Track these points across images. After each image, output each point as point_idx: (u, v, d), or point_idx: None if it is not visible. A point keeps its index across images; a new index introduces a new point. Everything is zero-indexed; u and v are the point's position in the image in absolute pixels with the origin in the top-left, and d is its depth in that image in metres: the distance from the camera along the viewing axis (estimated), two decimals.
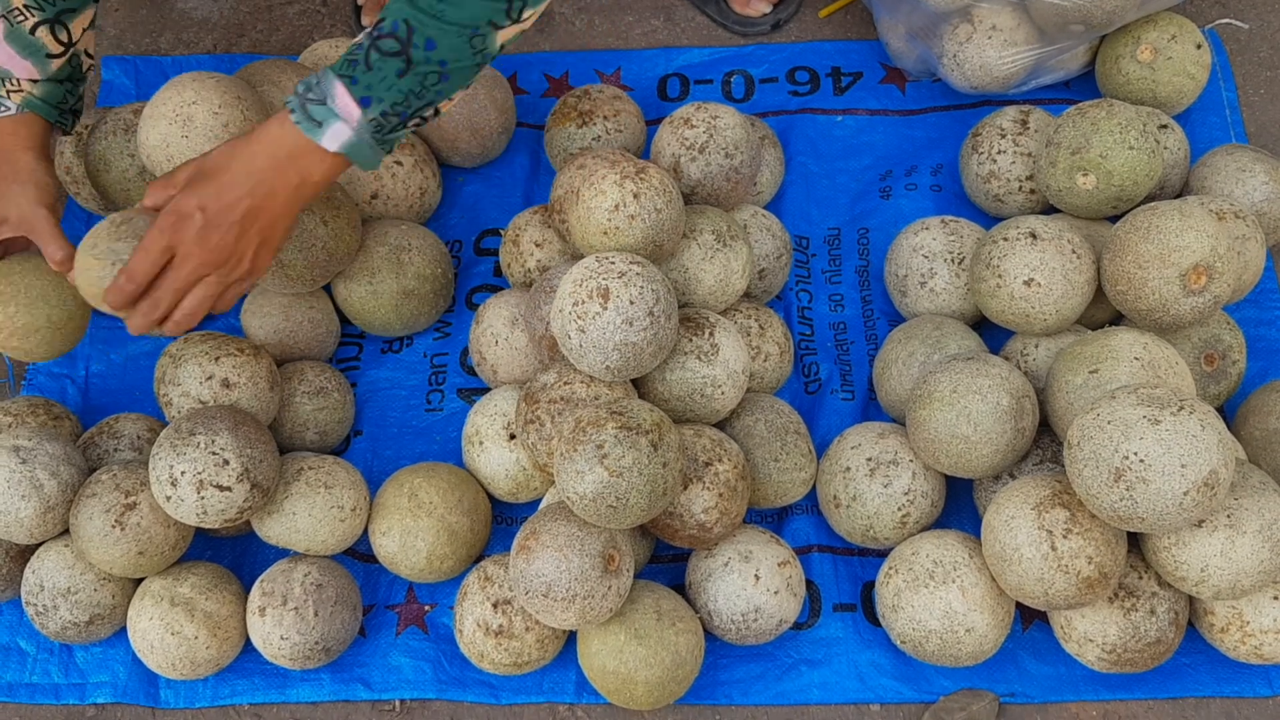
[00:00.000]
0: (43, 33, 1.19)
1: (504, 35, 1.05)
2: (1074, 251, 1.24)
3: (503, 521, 1.33)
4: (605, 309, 1.14)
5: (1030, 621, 1.25)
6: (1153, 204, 1.21)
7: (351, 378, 1.42)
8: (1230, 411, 1.33)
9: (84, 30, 1.22)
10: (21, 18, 1.18)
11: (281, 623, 1.19)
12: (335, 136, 1.06)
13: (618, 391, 1.21)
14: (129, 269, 1.09)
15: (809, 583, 1.28)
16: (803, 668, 1.24)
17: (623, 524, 1.11)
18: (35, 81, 1.20)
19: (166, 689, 1.25)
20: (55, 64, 1.21)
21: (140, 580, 1.24)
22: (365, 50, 1.03)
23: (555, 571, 1.11)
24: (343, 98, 1.04)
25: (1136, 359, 1.15)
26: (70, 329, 1.24)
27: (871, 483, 1.23)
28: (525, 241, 1.37)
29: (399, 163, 1.42)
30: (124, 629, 1.25)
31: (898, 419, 1.33)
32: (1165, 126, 1.41)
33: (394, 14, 1.02)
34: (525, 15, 1.05)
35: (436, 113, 1.09)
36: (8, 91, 1.19)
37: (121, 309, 1.11)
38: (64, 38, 1.20)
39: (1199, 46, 1.45)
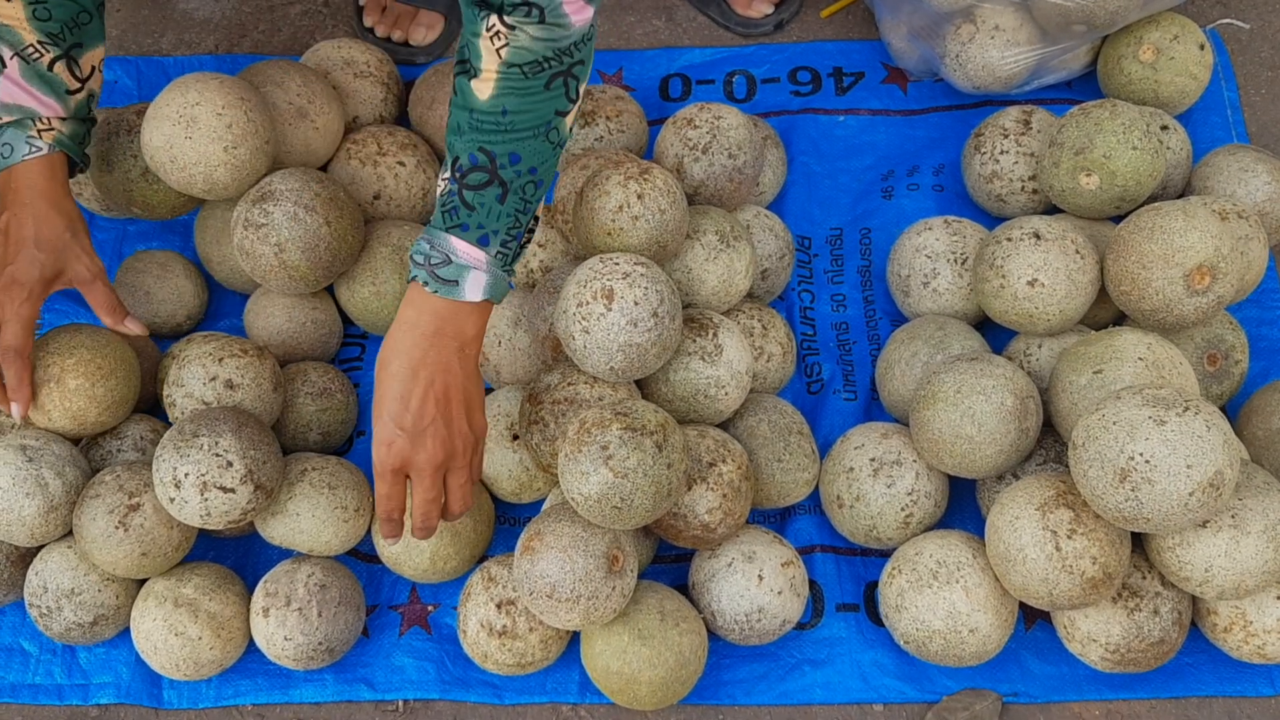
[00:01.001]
0: (60, 68, 1.18)
1: (570, 119, 1.06)
2: (1078, 252, 1.24)
3: (506, 522, 1.33)
4: (609, 310, 1.14)
5: (1033, 621, 1.25)
6: (1156, 204, 1.21)
7: (354, 378, 1.42)
8: (1232, 411, 1.33)
9: (93, 68, 1.21)
10: (37, 55, 1.16)
11: (285, 623, 1.19)
12: (475, 286, 1.05)
13: (622, 392, 1.21)
14: (382, 511, 1.08)
15: (812, 583, 1.28)
16: (806, 668, 1.24)
17: (627, 525, 1.11)
18: (63, 119, 1.19)
19: (170, 689, 1.25)
20: (74, 100, 1.20)
21: (143, 581, 1.24)
22: (456, 195, 1.03)
23: (559, 572, 1.11)
24: (463, 247, 1.04)
25: (1140, 359, 1.15)
26: (136, 390, 1.27)
27: (875, 483, 1.23)
28: None
29: (401, 164, 1.42)
30: (127, 630, 1.25)
31: (900, 419, 1.33)
32: (1167, 127, 1.40)
33: (465, 148, 1.02)
34: (581, 92, 1.05)
35: (537, 220, 1.10)
36: (39, 131, 1.18)
37: (401, 540, 1.19)
38: (78, 73, 1.19)
39: (1201, 47, 1.45)
